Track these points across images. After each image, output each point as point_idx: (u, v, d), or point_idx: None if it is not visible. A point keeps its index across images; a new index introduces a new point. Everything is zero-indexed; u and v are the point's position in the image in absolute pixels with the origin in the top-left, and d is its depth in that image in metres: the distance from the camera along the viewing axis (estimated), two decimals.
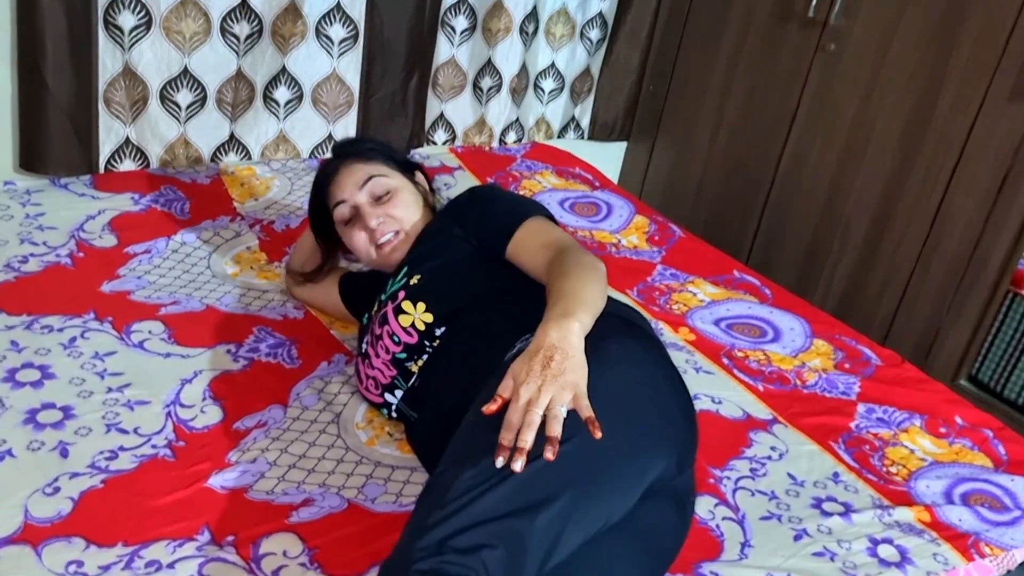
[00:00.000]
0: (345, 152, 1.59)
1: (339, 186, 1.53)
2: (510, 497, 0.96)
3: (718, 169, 2.77)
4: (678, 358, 1.78)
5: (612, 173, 2.98)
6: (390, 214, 1.50)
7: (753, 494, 1.44)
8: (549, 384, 1.03)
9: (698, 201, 2.84)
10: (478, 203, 1.49)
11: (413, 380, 1.38)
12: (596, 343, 1.12)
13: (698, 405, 1.64)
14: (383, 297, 1.45)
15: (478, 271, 1.40)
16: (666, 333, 1.88)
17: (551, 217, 1.47)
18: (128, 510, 1.23)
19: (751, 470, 1.50)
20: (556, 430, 1.01)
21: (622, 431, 1.05)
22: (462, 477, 0.98)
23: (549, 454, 0.99)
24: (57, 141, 1.93)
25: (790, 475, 1.50)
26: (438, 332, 1.36)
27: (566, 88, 2.79)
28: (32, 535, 1.17)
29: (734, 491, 1.44)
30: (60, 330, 1.56)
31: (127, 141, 2.06)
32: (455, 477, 0.98)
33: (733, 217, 2.73)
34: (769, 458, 1.53)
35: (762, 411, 1.66)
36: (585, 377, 1.07)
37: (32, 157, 1.94)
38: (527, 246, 1.37)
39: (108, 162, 2.05)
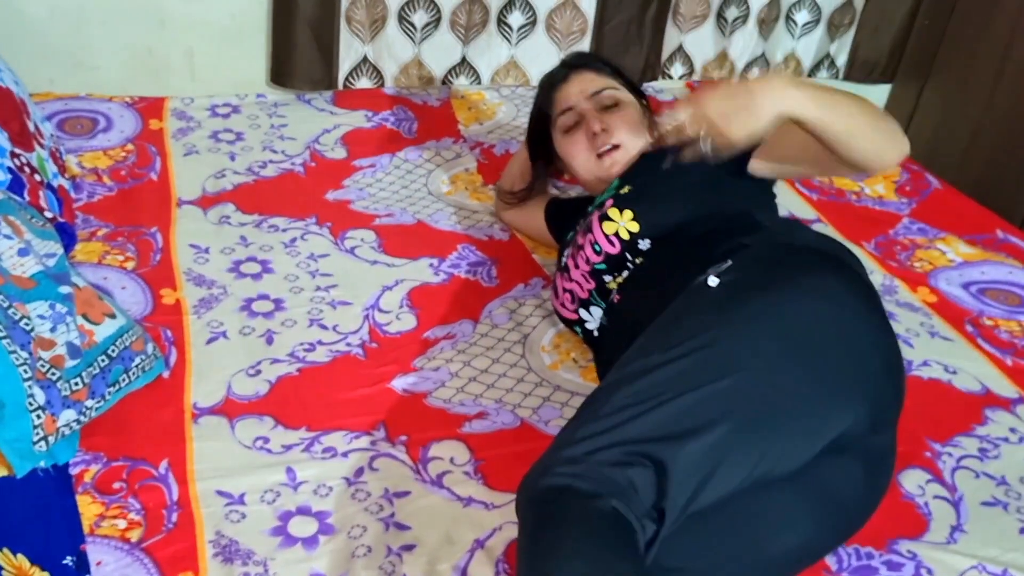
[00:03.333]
0: (576, 63, 1.56)
1: (566, 93, 1.50)
2: (664, 422, 0.90)
3: (999, 119, 2.40)
4: (911, 320, 1.59)
5: None
6: (615, 125, 1.45)
7: (978, 476, 1.25)
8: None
9: (969, 154, 2.49)
10: None
11: (611, 297, 1.31)
12: (793, 275, 1.00)
13: (927, 372, 1.46)
14: (590, 208, 1.40)
15: (698, 191, 1.30)
16: (901, 291, 1.68)
17: None
18: (316, 399, 1.30)
19: (980, 450, 1.30)
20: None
21: (803, 372, 0.94)
22: (620, 394, 0.93)
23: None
24: (303, 56, 2.05)
25: None
26: (642, 245, 1.28)
27: (823, 21, 2.53)
28: (230, 409, 1.27)
29: (954, 469, 1.26)
30: (284, 230, 1.67)
31: (364, 59, 2.14)
32: (614, 392, 0.94)
33: (1011, 174, 2.37)
34: (1006, 440, 1.33)
35: (1006, 388, 1.44)
36: (745, 130, 1.06)
37: (281, 72, 2.08)
38: (791, 139, 1.18)
39: (347, 79, 2.15)
